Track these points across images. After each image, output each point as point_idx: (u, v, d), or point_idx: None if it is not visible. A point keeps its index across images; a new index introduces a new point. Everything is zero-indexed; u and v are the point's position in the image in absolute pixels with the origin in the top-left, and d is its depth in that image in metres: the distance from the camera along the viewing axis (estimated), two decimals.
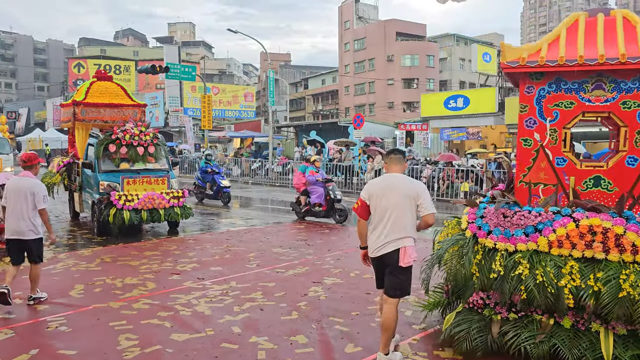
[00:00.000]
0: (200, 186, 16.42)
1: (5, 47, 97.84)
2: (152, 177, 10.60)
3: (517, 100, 22.32)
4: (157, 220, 10.39)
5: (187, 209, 10.86)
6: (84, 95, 11.82)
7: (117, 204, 9.84)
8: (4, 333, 5.06)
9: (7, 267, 7.68)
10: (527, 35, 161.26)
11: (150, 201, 10.16)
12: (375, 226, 4.43)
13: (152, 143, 10.85)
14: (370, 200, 4.49)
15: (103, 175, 10.35)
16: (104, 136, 10.66)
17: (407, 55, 55.45)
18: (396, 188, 4.41)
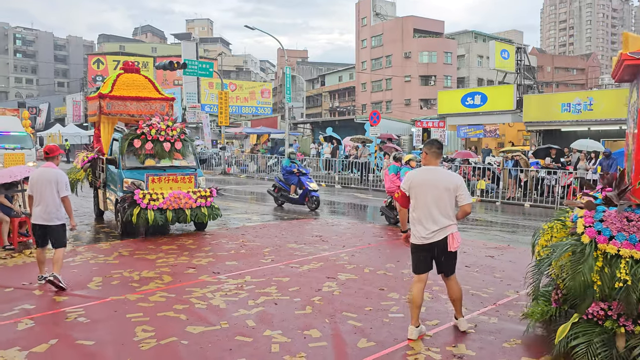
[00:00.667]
0: (282, 188, 14.67)
1: (26, 44, 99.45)
2: (179, 175, 9.97)
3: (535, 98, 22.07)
4: (183, 221, 9.77)
5: (215, 210, 10.19)
6: (110, 88, 11.25)
7: (141, 203, 9.24)
8: (25, 323, 5.17)
9: (28, 259, 7.89)
10: (546, 32, 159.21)
11: (176, 200, 9.54)
12: (419, 217, 4.80)
13: (179, 139, 10.28)
14: (410, 191, 4.85)
15: (127, 172, 9.83)
16: (129, 131, 10.18)
17: (424, 52, 55.16)
18: (437, 181, 4.80)
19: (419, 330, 4.87)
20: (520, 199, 17.09)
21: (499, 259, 8.42)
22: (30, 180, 6.61)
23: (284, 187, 14.56)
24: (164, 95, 11.87)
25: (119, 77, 11.52)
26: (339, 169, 24.74)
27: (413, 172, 5.00)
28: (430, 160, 4.96)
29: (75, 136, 42.95)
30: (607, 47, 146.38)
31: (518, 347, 4.68)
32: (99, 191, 11.57)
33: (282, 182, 14.66)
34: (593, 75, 76.60)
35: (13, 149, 21.03)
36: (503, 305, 5.96)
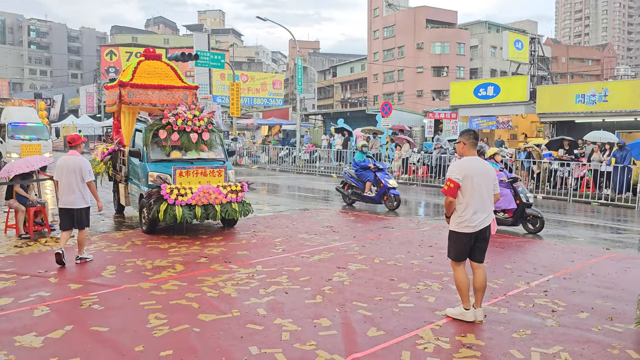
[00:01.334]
0: (354, 185, 13.18)
1: (40, 35, 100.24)
2: (208, 168, 9.21)
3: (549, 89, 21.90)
4: (212, 217, 8.99)
5: (247, 205, 9.42)
6: (130, 76, 10.60)
7: (168, 198, 8.51)
8: (41, 310, 5.28)
9: (43, 247, 8.02)
10: (561, 22, 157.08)
11: (205, 196, 8.78)
12: (475, 206, 4.96)
13: (206, 129, 9.62)
14: (463, 181, 4.94)
15: (152, 165, 9.17)
16: (154, 121, 9.50)
17: (437, 42, 54.75)
18: (486, 170, 5.09)
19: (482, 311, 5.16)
20: (532, 191, 16.98)
21: (509, 251, 8.40)
22: (56, 168, 7.15)
23: (357, 184, 13.07)
24: (187, 84, 11.26)
25: (140, 64, 10.87)
26: (351, 161, 24.71)
27: (464, 163, 5.08)
28: (469, 150, 5.13)
29: (89, 127, 43.29)
30: (623, 37, 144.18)
31: (527, 338, 4.69)
32: (119, 185, 10.89)
33: (354, 179, 13.17)
34: (609, 66, 75.55)
35: (30, 139, 21.28)
36: (513, 296, 5.96)
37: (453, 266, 5.18)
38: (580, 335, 4.77)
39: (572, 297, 5.94)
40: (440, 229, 10.19)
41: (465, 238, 5.04)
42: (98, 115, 51.88)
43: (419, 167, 20.64)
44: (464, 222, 4.99)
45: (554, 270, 7.14)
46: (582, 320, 5.18)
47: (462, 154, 5.21)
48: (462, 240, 5.05)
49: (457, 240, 5.09)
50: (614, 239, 9.84)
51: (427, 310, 5.42)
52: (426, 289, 6.18)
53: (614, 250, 8.68)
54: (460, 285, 5.09)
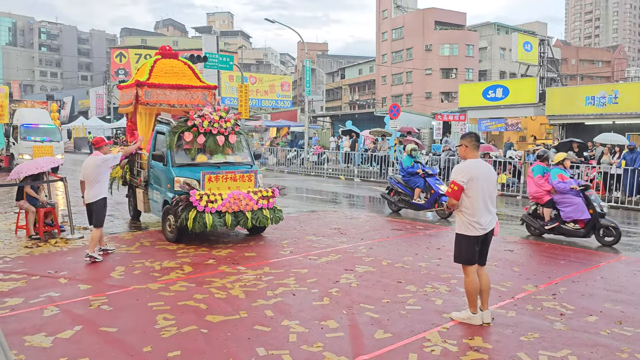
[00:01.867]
0: (401, 192, 12.37)
1: (51, 38, 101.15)
2: (237, 173, 8.72)
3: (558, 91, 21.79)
4: (243, 225, 8.57)
5: (278, 212, 8.98)
6: (147, 75, 10.13)
7: (197, 205, 8.04)
8: (50, 310, 5.33)
9: (53, 248, 8.09)
10: (571, 24, 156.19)
11: (235, 202, 8.34)
12: (481, 208, 4.98)
13: (233, 131, 9.14)
14: (468, 183, 4.94)
15: (178, 169, 8.67)
16: (178, 122, 9.05)
17: (446, 44, 54.63)
18: (488, 172, 5.11)
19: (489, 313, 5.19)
20: None
21: (518, 253, 8.37)
22: (82, 168, 7.64)
23: (404, 190, 12.25)
24: (206, 83, 10.84)
25: (157, 62, 10.44)
26: (358, 162, 24.72)
27: (468, 165, 5.07)
28: (472, 152, 5.15)
29: (98, 129, 43.63)
30: (634, 38, 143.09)
31: (535, 341, 4.67)
32: (137, 190, 10.29)
33: (401, 185, 12.37)
34: (619, 68, 75.01)
35: (42, 141, 21.43)
36: (521, 299, 5.94)
37: (465, 270, 5.14)
38: (588, 339, 4.74)
39: (581, 301, 5.91)
40: (448, 232, 10.16)
41: (474, 240, 5.04)
42: (108, 116, 52.26)
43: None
44: (473, 224, 5.00)
45: (562, 274, 7.10)
46: (591, 324, 5.15)
47: (465, 157, 5.20)
48: (472, 242, 5.05)
49: (467, 243, 5.07)
50: (624, 242, 9.75)
51: (435, 312, 5.41)
52: (434, 291, 6.18)
53: (623, 254, 8.61)
54: (471, 289, 5.07)
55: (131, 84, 10.47)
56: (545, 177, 9.52)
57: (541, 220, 9.74)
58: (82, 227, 9.71)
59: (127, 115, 11.04)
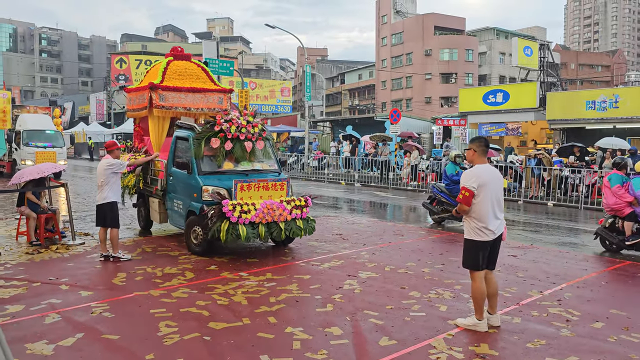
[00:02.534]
0: (445, 201, 11.44)
1: (51, 44, 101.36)
2: (270, 181, 8.18)
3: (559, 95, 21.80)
4: (276, 237, 8.03)
5: (311, 222, 8.45)
6: (160, 77, 9.61)
7: (230, 216, 7.49)
8: (52, 317, 5.28)
9: (54, 254, 8.05)
10: (570, 29, 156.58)
11: (269, 212, 7.81)
12: (491, 213, 5.00)
13: (260, 137, 8.62)
14: (479, 188, 4.97)
15: (204, 178, 8.13)
16: (203, 128, 8.48)
17: (445, 49, 54.72)
18: (497, 176, 5.17)
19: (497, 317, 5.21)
20: (543, 198, 16.86)
21: (522, 259, 8.32)
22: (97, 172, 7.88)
23: (448, 199, 11.33)
24: (221, 86, 10.36)
25: (170, 64, 9.94)
26: (359, 168, 24.70)
27: (478, 170, 5.06)
28: (480, 157, 5.16)
29: (99, 134, 43.64)
30: (633, 43, 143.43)
31: (542, 348, 4.62)
32: (151, 200, 9.70)
33: (445, 194, 11.44)
34: (619, 72, 75.11)
35: (44, 147, 21.31)
36: (526, 305, 5.89)
37: (472, 276, 5.10)
38: (596, 346, 4.70)
39: (587, 307, 5.86)
40: (451, 237, 10.12)
41: (485, 245, 5.02)
42: (108, 122, 52.26)
43: (428, 173, 20.56)
44: (482, 230, 4.98)
45: (567, 279, 7.05)
46: (598, 330, 5.10)
47: (473, 161, 5.20)
48: (482, 248, 5.03)
49: (476, 248, 5.04)
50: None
51: (439, 319, 5.36)
52: (438, 297, 6.13)
53: (627, 259, 8.57)
54: (478, 295, 5.04)
55: (142, 86, 9.93)
56: (626, 186, 8.77)
57: (620, 234, 8.93)
58: (83, 233, 9.66)
59: (135, 120, 10.63)
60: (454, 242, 9.57)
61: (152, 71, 10.33)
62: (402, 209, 15.37)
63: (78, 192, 16.46)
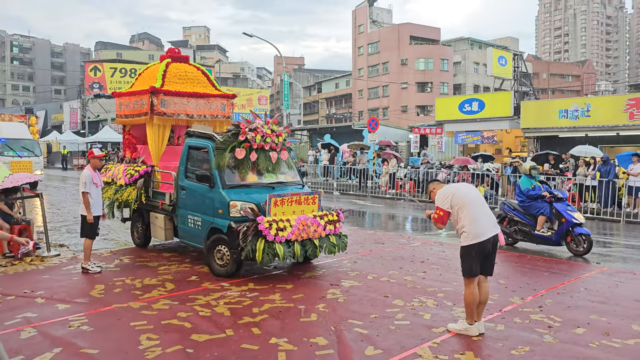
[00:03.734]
0: (519, 220, 10.06)
1: (23, 51, 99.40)
2: (302, 195, 7.55)
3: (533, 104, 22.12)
4: (311, 255, 7.44)
5: (344, 237, 7.92)
6: (160, 81, 8.87)
7: (267, 234, 6.84)
8: (27, 332, 5.11)
9: (29, 266, 7.84)
10: (542, 39, 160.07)
11: (305, 229, 7.21)
12: (477, 214, 5.09)
13: (284, 147, 8.09)
14: (453, 201, 5.12)
15: (232, 192, 7.40)
16: (224, 137, 7.73)
17: (421, 59, 55.42)
18: (468, 187, 5.43)
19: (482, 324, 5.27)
20: None
21: (501, 266, 8.38)
22: None
23: (523, 218, 9.99)
24: (223, 92, 9.77)
25: (169, 67, 9.22)
26: (337, 176, 24.73)
27: (449, 190, 5.28)
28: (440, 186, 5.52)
29: (73, 143, 42.79)
30: (602, 54, 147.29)
31: (527, 354, 4.65)
32: (153, 215, 8.88)
33: (519, 212, 10.10)
34: (588, 82, 77.00)
35: (20, 156, 20.59)
36: (509, 312, 5.93)
37: (467, 283, 5.14)
38: (578, 352, 4.74)
39: (567, 313, 5.92)
40: (431, 245, 10.17)
41: (477, 248, 5.05)
42: (82, 130, 51.41)
43: (406, 182, 20.70)
44: (472, 233, 5.05)
45: (546, 285, 7.13)
46: (580, 336, 5.16)
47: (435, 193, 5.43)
48: (474, 251, 5.06)
49: (469, 253, 5.10)
50: (603, 253, 9.90)
51: (424, 327, 5.35)
52: (421, 305, 6.13)
53: (604, 264, 8.72)
54: (470, 301, 5.10)
55: (138, 90, 9.17)
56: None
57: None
58: (58, 244, 9.43)
59: (125, 127, 9.85)
60: (435, 250, 9.62)
61: (147, 74, 9.53)
62: (382, 217, 15.41)
63: (52, 202, 16.09)
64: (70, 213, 13.88)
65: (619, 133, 21.90)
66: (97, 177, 7.71)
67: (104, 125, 48.01)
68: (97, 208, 7.66)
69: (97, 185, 7.65)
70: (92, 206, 7.53)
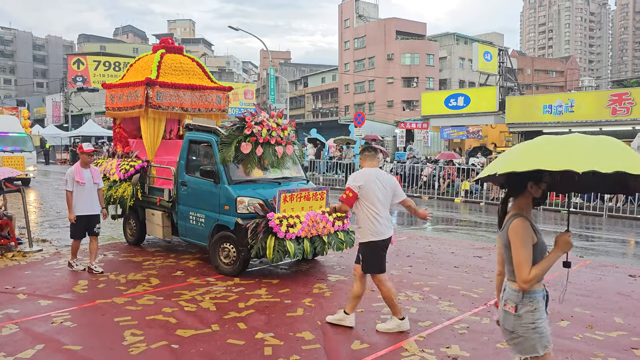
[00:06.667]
0: None
1: (4, 44, 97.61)
2: (311, 191, 7.36)
3: (517, 100, 22.25)
4: (320, 252, 7.24)
5: (351, 234, 7.75)
6: (155, 72, 8.53)
7: (278, 231, 6.67)
8: (9, 328, 5.03)
9: (10, 262, 7.72)
10: (526, 35, 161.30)
11: (314, 225, 7.05)
12: (379, 212, 4.97)
13: (290, 141, 7.86)
14: (362, 190, 4.97)
15: (238, 188, 7.21)
16: (229, 131, 7.50)
17: (407, 53, 55.47)
18: (383, 180, 5.10)
19: None
20: None
21: (486, 259, 8.45)
22: None
23: None
24: (219, 84, 9.51)
25: (163, 57, 8.87)
26: (324, 171, 24.71)
27: (360, 173, 5.10)
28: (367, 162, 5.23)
29: (55, 137, 42.20)
30: (585, 50, 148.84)
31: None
32: (150, 212, 8.63)
33: None
34: (572, 78, 77.80)
35: (12, 151, 19.17)
36: (494, 305, 5.96)
37: (380, 279, 5.05)
38: (562, 344, 4.78)
39: (551, 306, 5.91)
40: (417, 239, 10.21)
41: (381, 245, 5.02)
42: (65, 124, 50.75)
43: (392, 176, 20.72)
44: (376, 229, 4.97)
45: None
46: (564, 329, 5.21)
47: (363, 165, 5.26)
48: (380, 248, 5.03)
49: (376, 249, 5.02)
50: (586, 247, 10.02)
51: (410, 321, 5.35)
52: (407, 299, 6.15)
53: (587, 258, 8.82)
54: (393, 296, 5.05)
55: (131, 82, 8.78)
56: None
57: None
58: (40, 240, 9.30)
59: (116, 120, 9.44)
60: (420, 245, 9.65)
61: (140, 65, 9.18)
62: None
63: (34, 197, 15.87)
64: (52, 208, 13.70)
65: (602, 128, 22.14)
66: (84, 174, 7.16)
67: (88, 119, 47.41)
68: (84, 207, 7.15)
69: (80, 183, 7.09)
70: (76, 206, 7.09)
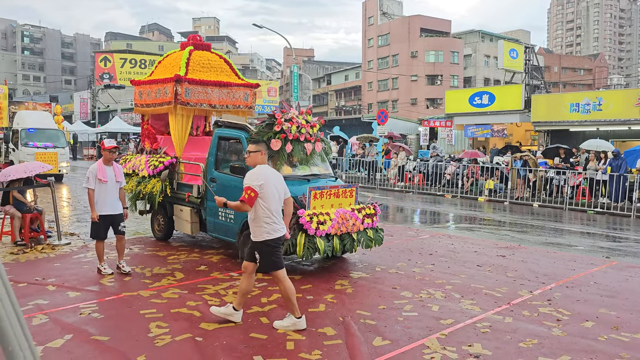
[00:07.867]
0: None
1: (34, 41, 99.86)
2: (341, 188, 7.33)
3: (543, 98, 22.04)
4: (349, 249, 7.23)
5: (380, 232, 7.70)
6: (184, 69, 8.58)
7: (308, 228, 6.61)
8: (39, 318, 5.18)
9: (40, 254, 7.92)
10: (553, 32, 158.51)
11: (344, 223, 7.00)
12: (275, 210, 4.99)
13: (319, 138, 7.85)
14: (263, 188, 4.91)
15: None
16: (258, 128, 7.45)
17: (431, 51, 55.07)
18: (276, 179, 5.15)
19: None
20: (528, 199, 17.02)
21: (510, 259, 8.37)
22: None
23: None
24: (246, 81, 9.50)
25: (192, 54, 8.92)
26: (346, 168, 24.71)
27: (257, 172, 5.01)
28: (262, 158, 5.15)
29: (83, 133, 43.03)
30: (614, 47, 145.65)
31: (534, 347, 4.65)
32: (178, 208, 8.63)
33: None
34: (600, 76, 76.21)
35: (45, 147, 19.12)
36: (517, 304, 5.92)
37: (280, 277, 5.02)
38: (587, 345, 4.73)
39: (576, 306, 5.91)
40: (440, 237, 10.16)
41: (278, 243, 5.01)
42: (92, 121, 51.66)
43: (415, 174, 20.65)
44: (274, 227, 4.96)
45: (555, 279, 7.11)
46: (588, 330, 5.15)
47: (256, 163, 5.12)
48: (277, 245, 5.00)
49: (273, 248, 4.98)
50: (613, 247, 9.85)
51: (432, 319, 5.36)
52: (429, 297, 6.14)
53: (613, 259, 8.67)
54: (291, 294, 5.01)
55: (160, 79, 8.83)
56: None
57: None
58: (69, 233, 9.52)
59: (144, 117, 9.55)
60: (443, 243, 9.61)
61: (169, 61, 9.26)
62: (390, 210, 15.40)
63: (63, 192, 16.23)
64: (80, 202, 13.98)
65: (631, 127, 21.70)
66: (107, 172, 6.86)
67: (114, 115, 48.21)
68: (106, 206, 6.87)
69: (102, 181, 6.77)
70: (98, 204, 6.83)
